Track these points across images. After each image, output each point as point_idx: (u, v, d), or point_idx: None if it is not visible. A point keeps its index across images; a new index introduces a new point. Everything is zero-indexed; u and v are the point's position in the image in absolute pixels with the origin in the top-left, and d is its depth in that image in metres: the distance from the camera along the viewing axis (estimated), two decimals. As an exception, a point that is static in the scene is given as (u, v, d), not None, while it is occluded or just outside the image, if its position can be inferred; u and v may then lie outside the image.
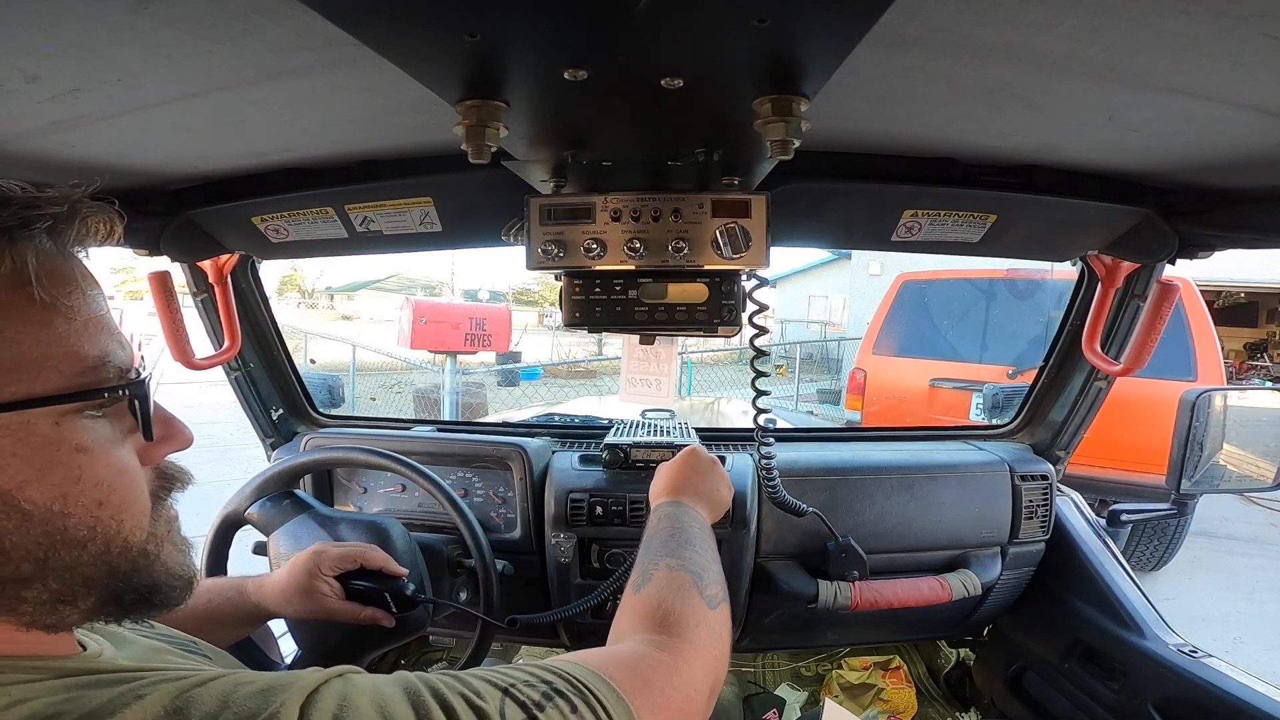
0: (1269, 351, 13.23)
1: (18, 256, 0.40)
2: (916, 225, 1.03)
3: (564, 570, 1.26)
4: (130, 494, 0.44)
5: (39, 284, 0.40)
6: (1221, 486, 1.38)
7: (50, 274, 0.41)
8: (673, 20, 0.44)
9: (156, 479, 0.48)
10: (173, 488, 0.49)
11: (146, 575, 0.45)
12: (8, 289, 0.39)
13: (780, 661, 1.88)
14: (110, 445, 0.43)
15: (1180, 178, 0.93)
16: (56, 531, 0.40)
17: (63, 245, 0.43)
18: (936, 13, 0.51)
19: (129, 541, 0.44)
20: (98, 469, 0.42)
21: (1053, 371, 1.46)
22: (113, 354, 0.44)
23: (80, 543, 0.41)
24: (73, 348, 0.41)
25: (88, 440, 0.42)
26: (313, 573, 0.89)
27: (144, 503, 0.45)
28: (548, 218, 0.89)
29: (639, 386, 1.29)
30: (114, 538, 0.42)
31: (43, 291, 0.40)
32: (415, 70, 0.52)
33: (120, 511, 0.43)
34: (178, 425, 0.49)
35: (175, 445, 0.49)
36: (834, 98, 0.67)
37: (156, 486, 0.48)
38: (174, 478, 0.49)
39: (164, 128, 0.76)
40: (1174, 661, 1.10)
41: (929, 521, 1.33)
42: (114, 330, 0.45)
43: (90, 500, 0.41)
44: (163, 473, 0.49)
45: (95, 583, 0.42)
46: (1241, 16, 0.47)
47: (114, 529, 0.42)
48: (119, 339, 0.45)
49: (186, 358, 1.23)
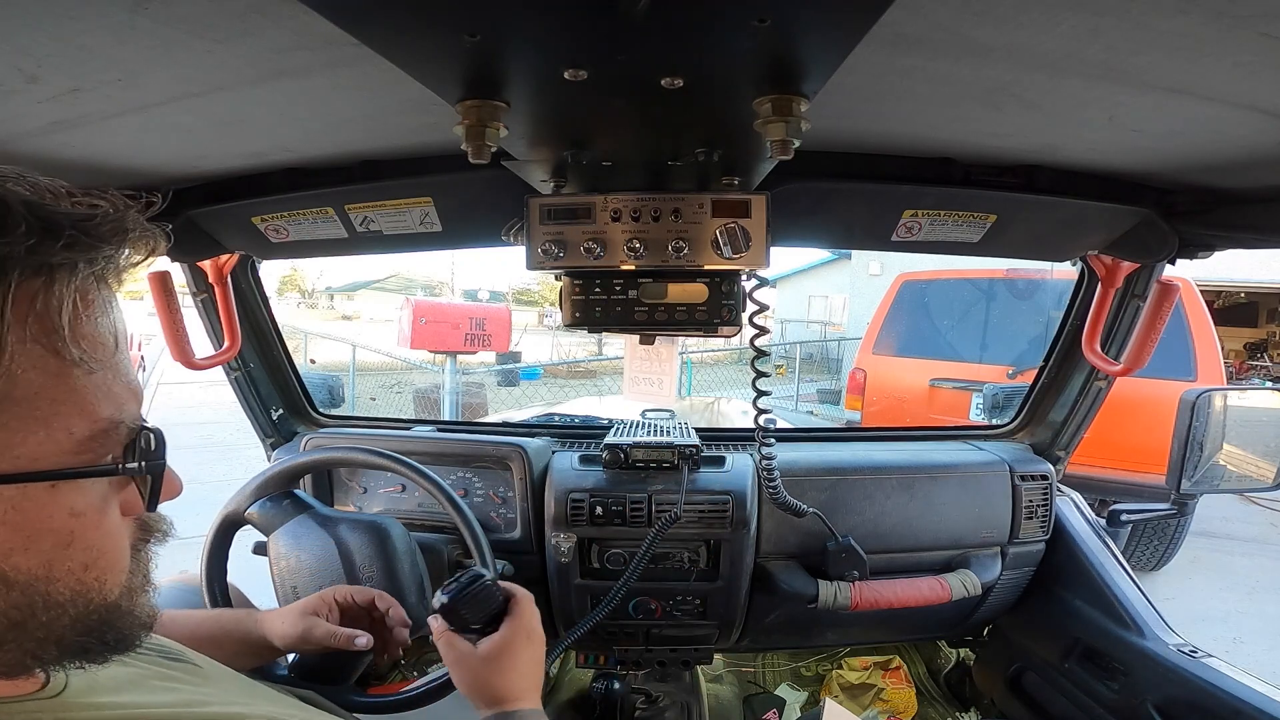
0: (1269, 351, 13.23)
1: (53, 299, 0.36)
2: (916, 225, 1.03)
3: (564, 570, 1.26)
4: (115, 555, 0.42)
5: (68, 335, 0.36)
6: (1221, 486, 1.38)
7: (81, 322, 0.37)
8: (673, 20, 0.44)
9: (137, 530, 0.45)
10: (150, 539, 0.47)
11: (116, 628, 0.43)
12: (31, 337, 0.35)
13: (780, 661, 1.88)
14: (104, 507, 0.41)
15: (1180, 178, 0.93)
16: (38, 596, 0.37)
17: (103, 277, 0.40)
18: (936, 13, 0.51)
19: (107, 599, 0.41)
20: (89, 534, 0.39)
21: (1053, 371, 1.46)
22: (126, 411, 0.40)
23: (61, 605, 0.39)
24: (87, 405, 0.38)
25: (82, 505, 0.39)
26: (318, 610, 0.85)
27: (126, 560, 0.43)
28: (548, 218, 0.89)
29: (642, 385, 1.29)
30: (94, 598, 0.40)
31: (69, 346, 0.36)
32: (415, 70, 0.52)
33: (105, 573, 0.41)
34: (171, 476, 0.46)
35: (165, 498, 0.46)
36: (834, 98, 0.67)
37: (137, 539, 0.45)
38: (154, 527, 0.47)
39: (164, 128, 0.76)
40: (1174, 661, 1.10)
41: (929, 521, 1.32)
42: (130, 379, 0.41)
43: (77, 564, 0.39)
44: (144, 523, 0.46)
45: (67, 640, 0.40)
46: (1241, 16, 0.47)
47: (95, 590, 0.40)
48: (133, 387, 0.42)
49: (186, 358, 1.23)
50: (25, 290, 0.35)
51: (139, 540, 0.45)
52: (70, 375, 0.37)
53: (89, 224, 0.37)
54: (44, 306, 0.36)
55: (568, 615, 1.30)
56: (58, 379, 0.37)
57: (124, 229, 0.39)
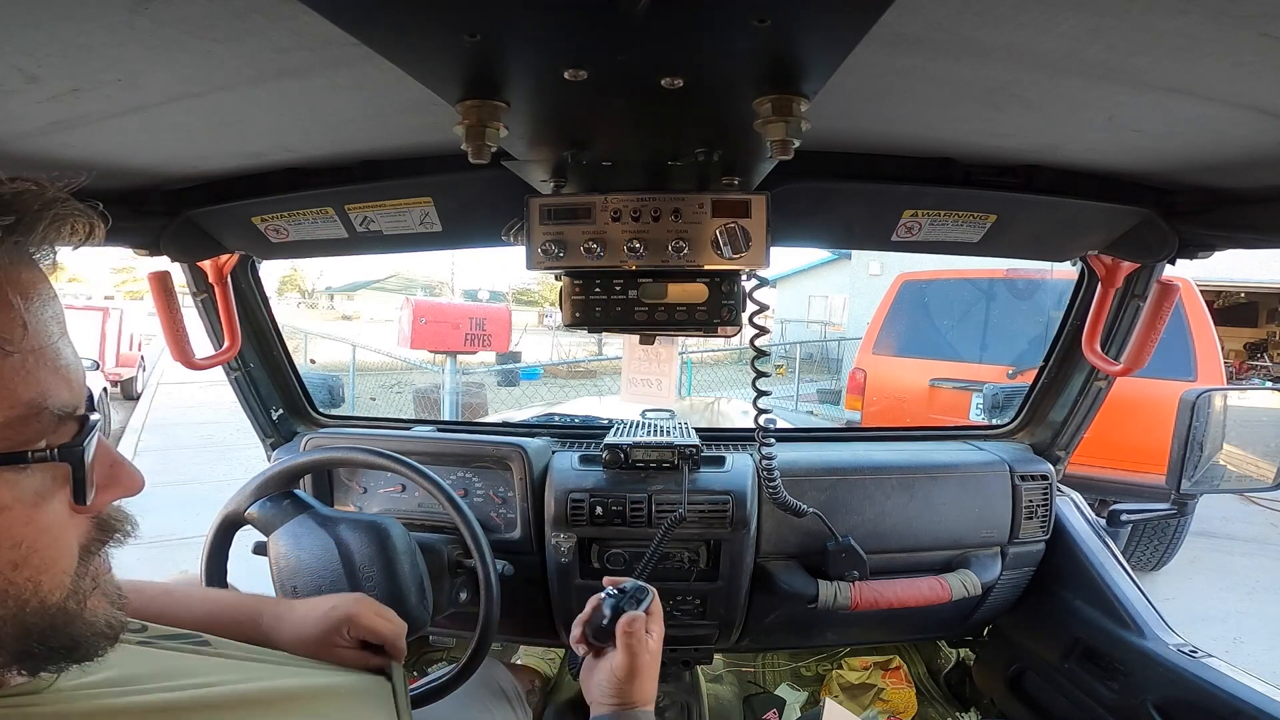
0: (1269, 351, 13.23)
1: None
2: (916, 225, 1.03)
3: (564, 570, 1.26)
4: (53, 553, 0.39)
5: None
6: (1221, 486, 1.38)
7: None
8: (673, 20, 0.44)
9: (94, 529, 0.42)
10: (110, 539, 0.43)
11: (64, 633, 0.39)
12: None
13: (780, 661, 1.88)
14: (35, 501, 0.38)
15: (1180, 178, 0.93)
16: None
17: (22, 250, 0.37)
18: (936, 13, 0.51)
19: (46, 602, 0.38)
20: (15, 529, 0.36)
21: (1053, 371, 1.46)
22: (51, 395, 0.37)
23: None
24: (3, 389, 0.35)
25: (7, 498, 0.36)
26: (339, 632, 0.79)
27: (69, 561, 0.40)
28: (548, 218, 0.89)
29: (640, 386, 1.29)
30: (29, 600, 0.37)
31: None
32: (415, 70, 0.52)
33: (39, 573, 0.38)
34: (125, 470, 0.43)
35: (120, 493, 0.43)
36: (834, 98, 0.67)
37: (91, 539, 0.42)
38: (114, 528, 0.43)
39: (164, 128, 0.76)
40: (1174, 661, 1.10)
41: (929, 521, 1.33)
42: (59, 363, 0.38)
43: (4, 563, 0.36)
44: (103, 522, 0.43)
45: (8, 645, 0.37)
46: (1241, 16, 0.47)
47: (30, 590, 0.37)
48: (64, 373, 0.38)
49: (186, 358, 1.23)
50: None
51: (93, 540, 0.42)
52: None
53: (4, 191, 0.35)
54: None
55: (568, 615, 1.30)
56: None
57: (36, 205, 0.37)
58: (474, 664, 1.03)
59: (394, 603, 1.01)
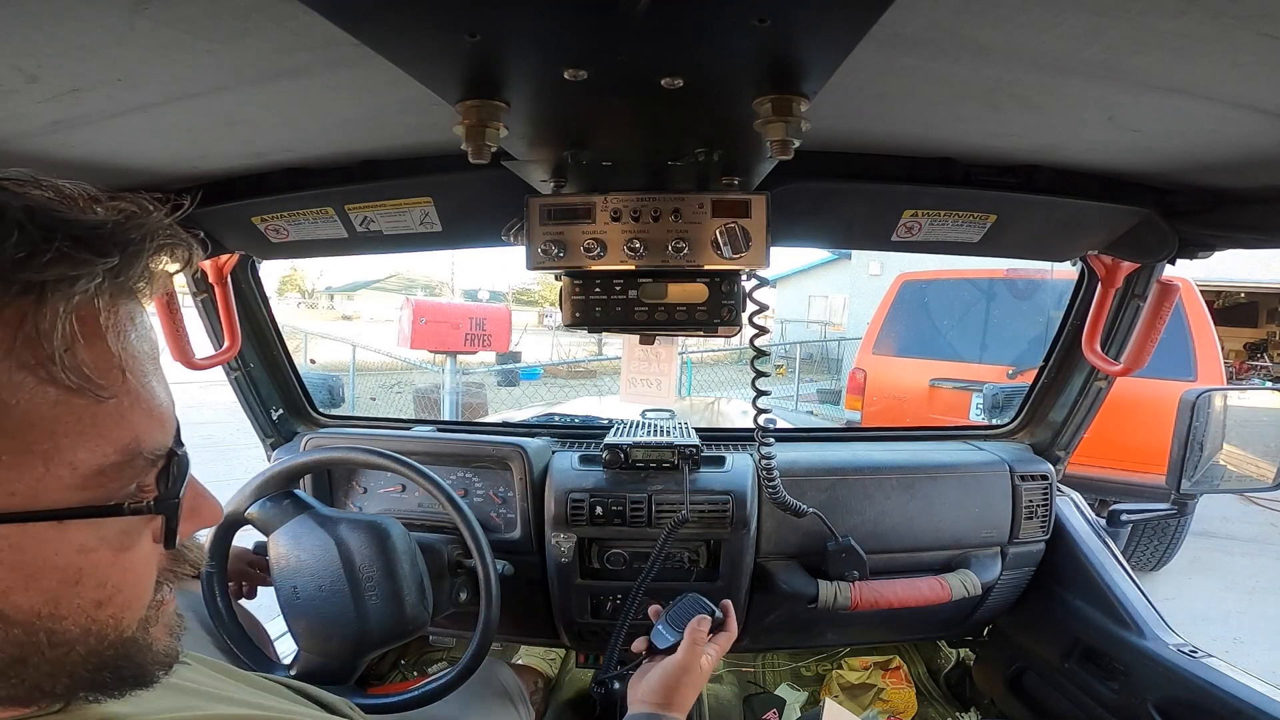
0: (1269, 351, 13.23)
1: (43, 320, 0.31)
2: (916, 225, 1.03)
3: (564, 570, 1.26)
4: (136, 591, 0.38)
5: (63, 362, 0.32)
6: (1221, 486, 1.38)
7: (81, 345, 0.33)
8: (672, 20, 0.44)
9: (169, 560, 0.41)
10: (180, 570, 0.43)
11: (134, 663, 0.39)
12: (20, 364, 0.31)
13: (780, 661, 1.88)
14: (122, 543, 0.37)
15: (1180, 178, 0.93)
16: (42, 633, 0.34)
17: (122, 286, 0.35)
18: (936, 13, 0.51)
19: (123, 635, 0.38)
20: (101, 571, 0.36)
21: (1053, 371, 1.46)
22: (145, 438, 0.36)
23: (69, 643, 0.35)
24: (95, 437, 0.34)
25: (94, 541, 0.35)
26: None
27: (148, 594, 0.40)
28: (548, 218, 0.89)
29: (639, 386, 1.29)
30: (109, 634, 0.37)
31: (67, 373, 0.32)
32: (415, 70, 0.52)
33: (122, 610, 0.37)
34: (207, 503, 0.42)
35: (200, 525, 0.42)
36: (834, 98, 0.67)
37: (164, 569, 0.41)
38: (187, 559, 0.44)
39: (164, 128, 0.76)
40: (1174, 661, 1.10)
41: (929, 521, 1.32)
42: (154, 404, 0.37)
43: (88, 601, 0.35)
44: (177, 553, 0.42)
45: (79, 676, 0.37)
46: (1241, 16, 0.47)
47: (110, 626, 0.37)
48: (158, 413, 0.37)
49: (186, 358, 1.23)
50: (14, 310, 0.31)
51: (166, 571, 0.42)
52: (72, 404, 0.33)
53: (93, 234, 0.33)
54: (34, 328, 0.31)
55: (568, 615, 1.30)
56: (56, 408, 0.32)
57: (138, 237, 0.35)
58: (474, 664, 1.03)
59: (394, 603, 1.02)
